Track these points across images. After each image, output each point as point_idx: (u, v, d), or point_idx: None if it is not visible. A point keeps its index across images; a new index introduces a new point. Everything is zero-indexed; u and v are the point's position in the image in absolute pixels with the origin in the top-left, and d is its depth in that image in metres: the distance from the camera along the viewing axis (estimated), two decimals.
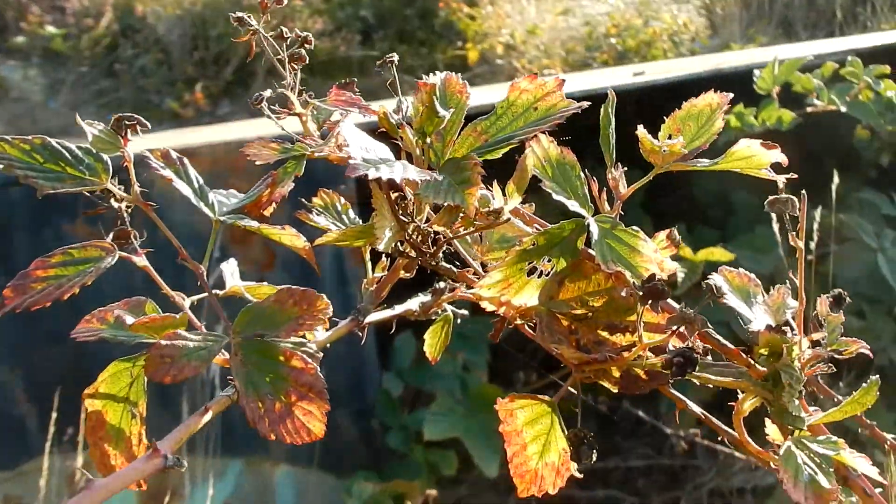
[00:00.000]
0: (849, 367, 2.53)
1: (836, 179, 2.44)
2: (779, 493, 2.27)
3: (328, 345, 0.83)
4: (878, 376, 0.75)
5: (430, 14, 7.05)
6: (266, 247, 2.14)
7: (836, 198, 2.60)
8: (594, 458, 0.77)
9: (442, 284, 0.92)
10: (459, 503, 2.81)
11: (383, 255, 0.87)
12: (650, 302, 0.71)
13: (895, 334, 2.60)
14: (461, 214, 0.78)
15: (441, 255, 0.83)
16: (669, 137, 0.85)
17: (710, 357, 0.77)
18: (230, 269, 0.89)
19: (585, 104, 0.83)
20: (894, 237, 2.62)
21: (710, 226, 3.12)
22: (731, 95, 0.85)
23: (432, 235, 0.81)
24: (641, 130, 0.82)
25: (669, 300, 0.76)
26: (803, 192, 0.76)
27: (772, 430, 0.78)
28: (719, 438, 0.87)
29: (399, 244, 0.82)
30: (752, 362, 0.73)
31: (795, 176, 0.83)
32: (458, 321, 0.96)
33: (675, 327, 0.72)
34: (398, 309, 0.90)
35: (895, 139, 2.97)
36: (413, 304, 0.92)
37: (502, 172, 0.80)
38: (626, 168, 0.82)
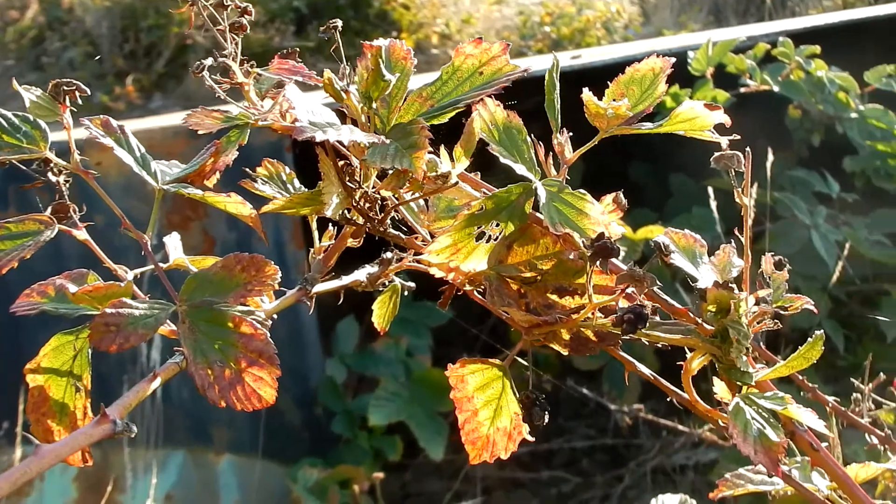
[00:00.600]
0: (786, 342, 2.57)
1: (770, 158, 2.48)
2: (720, 468, 2.29)
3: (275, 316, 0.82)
4: (821, 331, 0.76)
5: (364, 4, 7.02)
6: (205, 233, 2.11)
7: (771, 176, 2.64)
8: (546, 420, 0.77)
9: (389, 255, 0.91)
10: (404, 489, 2.81)
11: (330, 224, 0.86)
12: (599, 261, 0.72)
13: (830, 310, 2.65)
14: (409, 179, 0.78)
15: (389, 222, 0.82)
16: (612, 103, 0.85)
17: (658, 318, 0.78)
18: (174, 243, 0.88)
19: (531, 68, 0.83)
20: (827, 214, 2.67)
21: (648, 208, 3.15)
22: (674, 60, 0.86)
23: (380, 201, 0.81)
24: (587, 94, 0.82)
25: (617, 261, 0.76)
26: (748, 148, 0.76)
27: (720, 389, 0.79)
28: (663, 419, 0.88)
29: (346, 212, 0.82)
30: (700, 321, 0.74)
31: (738, 137, 0.84)
32: (405, 293, 0.95)
33: (624, 286, 0.73)
34: (345, 280, 0.89)
35: (826, 119, 3.02)
36: (360, 274, 0.91)
37: (449, 141, 0.79)
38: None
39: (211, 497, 2.25)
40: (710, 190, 2.32)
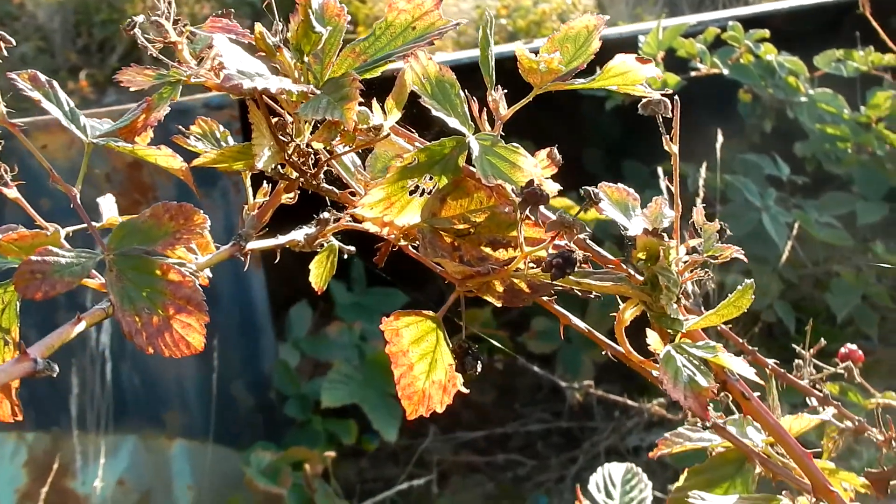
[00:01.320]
0: (735, 320, 2.59)
1: (720, 139, 2.50)
2: None
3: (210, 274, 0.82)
4: (751, 280, 0.77)
5: None
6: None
7: (722, 160, 2.66)
8: (479, 370, 0.77)
9: (327, 215, 0.91)
10: (361, 475, 2.81)
11: (265, 181, 0.86)
12: (529, 208, 0.72)
13: (781, 291, 2.67)
14: (341, 131, 0.78)
15: (323, 178, 0.82)
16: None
17: (590, 268, 0.78)
18: (108, 204, 0.87)
19: (464, 21, 0.83)
20: (778, 196, 2.69)
21: None
22: (608, 17, 0.86)
23: (313, 156, 0.81)
24: (519, 47, 0.82)
25: (547, 210, 0.77)
26: (676, 97, 0.77)
27: (653, 340, 0.80)
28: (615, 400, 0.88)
29: (280, 167, 0.81)
30: (631, 271, 0.74)
31: (671, 91, 0.84)
32: (352, 256, 0.95)
33: (554, 234, 0.73)
34: (282, 239, 0.89)
35: (777, 104, 3.04)
36: (298, 235, 0.91)
37: (384, 98, 0.79)
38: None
39: (164, 482, 2.23)
40: (660, 170, 2.33)
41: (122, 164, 2.11)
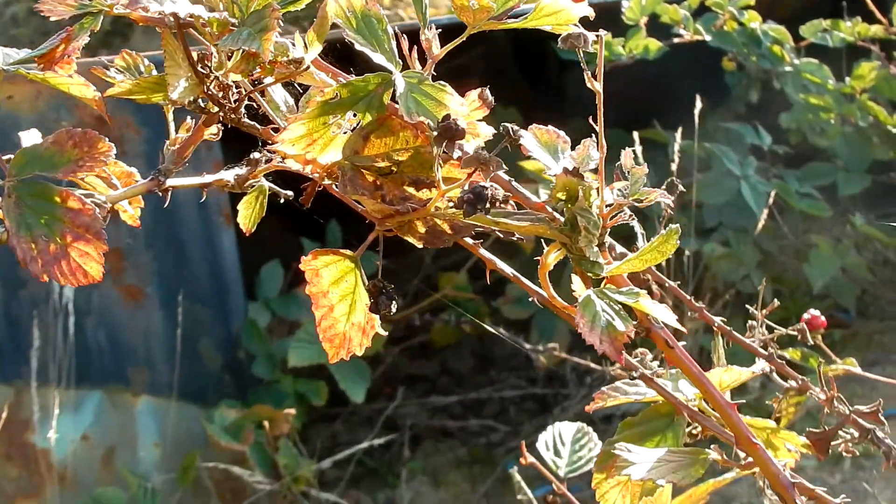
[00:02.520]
0: (709, 288, 2.58)
1: (698, 105, 2.47)
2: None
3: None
4: (676, 225, 0.75)
5: None
6: None
7: (701, 127, 2.64)
8: (394, 310, 0.76)
9: (257, 155, 0.89)
10: (335, 438, 2.80)
11: (189, 117, 0.84)
12: (445, 143, 0.70)
13: (759, 261, 2.65)
14: (260, 64, 0.76)
15: (244, 112, 0.80)
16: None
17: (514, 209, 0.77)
18: (30, 137, 0.85)
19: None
20: (759, 166, 2.67)
21: None
22: None
23: (234, 89, 0.79)
24: None
25: (469, 148, 0.75)
26: (602, 32, 0.75)
27: (577, 286, 0.78)
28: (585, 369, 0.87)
29: (202, 101, 0.79)
30: (552, 212, 0.73)
31: (605, 33, 0.82)
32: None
33: (471, 170, 0.71)
34: (209, 178, 0.87)
35: (762, 73, 3.02)
36: (228, 175, 0.89)
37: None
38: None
39: (129, 438, 2.22)
40: (636, 136, 2.31)
41: (89, 117, 2.09)
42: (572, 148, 0.79)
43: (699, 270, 2.58)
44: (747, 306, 1.27)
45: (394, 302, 0.75)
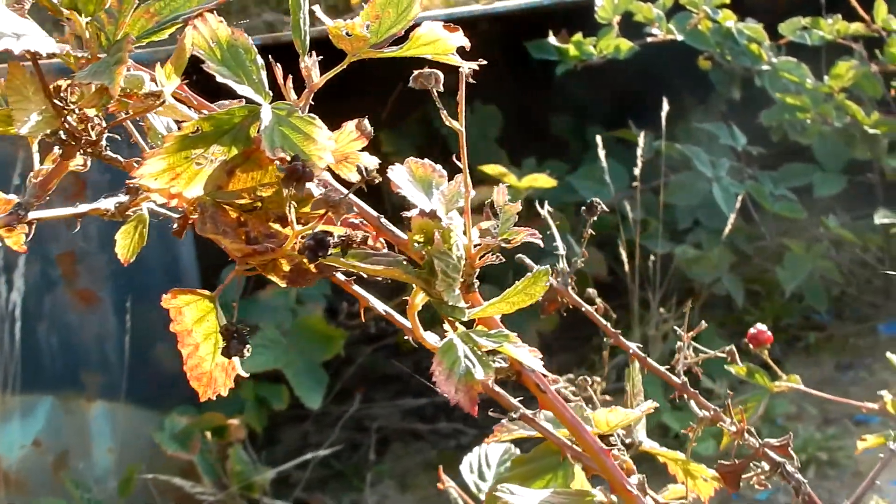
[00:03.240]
0: (683, 291, 2.55)
1: (664, 107, 2.44)
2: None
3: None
4: (546, 267, 0.72)
5: None
6: (75, 175, 2.02)
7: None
8: (247, 353, 0.73)
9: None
10: (305, 439, 2.78)
11: (55, 147, 0.81)
12: (294, 184, 0.68)
13: (732, 264, 2.62)
14: (118, 97, 0.73)
15: (105, 144, 0.78)
16: (368, 27, 0.81)
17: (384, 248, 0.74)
18: None
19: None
20: (731, 166, 2.63)
21: (567, 160, 3.10)
22: None
23: (94, 122, 0.76)
24: (324, 16, 0.78)
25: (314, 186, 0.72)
26: (464, 68, 0.72)
27: (449, 326, 0.75)
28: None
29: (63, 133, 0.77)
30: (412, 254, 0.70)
31: (484, 62, 0.79)
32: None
33: (322, 212, 0.69)
34: (83, 207, 0.84)
35: (742, 72, 2.98)
36: (108, 203, 0.86)
37: None
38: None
39: (83, 443, 2.20)
40: (599, 139, 2.28)
41: None
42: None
43: (669, 272, 2.55)
44: (675, 328, 1.24)
45: (247, 346, 0.73)
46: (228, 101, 0.75)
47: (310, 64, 0.80)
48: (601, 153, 2.28)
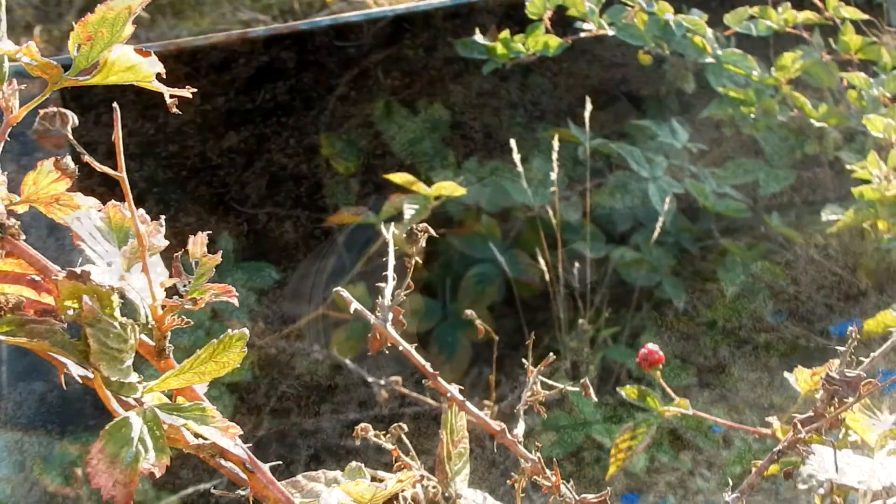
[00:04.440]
0: (627, 297, 2.44)
1: (588, 107, 2.33)
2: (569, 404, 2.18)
3: None
4: (244, 330, 0.62)
5: None
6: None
7: (592, 126, 2.49)
8: None
9: None
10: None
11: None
12: None
13: (672, 267, 2.51)
14: None
15: None
16: (79, 48, 0.71)
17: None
18: None
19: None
20: (668, 165, 2.52)
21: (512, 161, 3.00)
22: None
23: None
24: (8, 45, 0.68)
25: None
26: (116, 106, 0.62)
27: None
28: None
29: None
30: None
31: (192, 92, 0.69)
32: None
33: None
34: None
35: (688, 66, 2.87)
36: None
37: None
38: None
39: None
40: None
41: None
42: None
43: (606, 278, 2.44)
44: (524, 360, 1.14)
45: None
46: None
47: (9, 93, 0.70)
48: (517, 157, 2.17)
